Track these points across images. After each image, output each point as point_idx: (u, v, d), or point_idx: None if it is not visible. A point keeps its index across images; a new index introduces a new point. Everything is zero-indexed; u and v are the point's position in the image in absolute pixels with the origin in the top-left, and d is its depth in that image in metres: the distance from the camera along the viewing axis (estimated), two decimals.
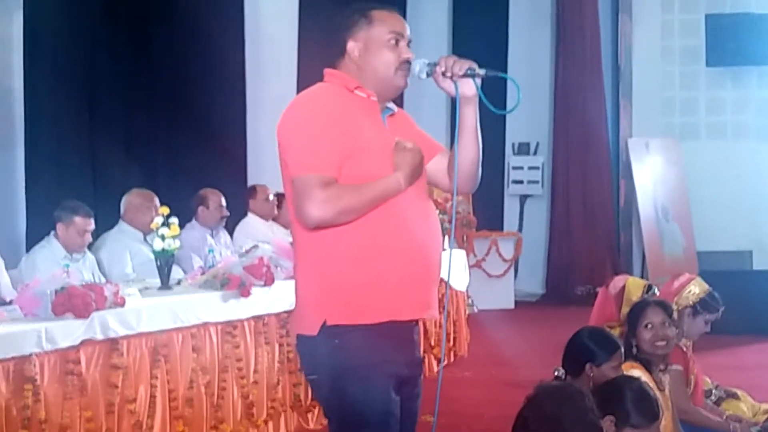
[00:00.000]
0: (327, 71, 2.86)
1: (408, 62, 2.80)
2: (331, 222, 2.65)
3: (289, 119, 2.73)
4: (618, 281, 5.10)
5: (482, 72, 2.76)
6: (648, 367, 4.03)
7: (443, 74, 2.76)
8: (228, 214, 6.84)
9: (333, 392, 2.71)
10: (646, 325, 4.09)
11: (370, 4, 2.83)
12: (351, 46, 2.80)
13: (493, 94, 2.80)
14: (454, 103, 2.80)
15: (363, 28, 2.79)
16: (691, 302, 4.67)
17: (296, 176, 2.66)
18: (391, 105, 2.88)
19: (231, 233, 7.13)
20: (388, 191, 2.68)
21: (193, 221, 6.72)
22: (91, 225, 5.52)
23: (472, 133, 2.83)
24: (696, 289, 4.73)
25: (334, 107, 2.71)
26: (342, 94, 2.77)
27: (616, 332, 4.33)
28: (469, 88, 2.77)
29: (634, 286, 4.99)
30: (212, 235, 6.72)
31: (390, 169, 2.72)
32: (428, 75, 2.79)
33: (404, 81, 2.82)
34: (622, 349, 3.89)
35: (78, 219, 5.45)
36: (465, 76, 2.75)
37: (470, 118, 2.81)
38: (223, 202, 6.79)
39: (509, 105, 2.92)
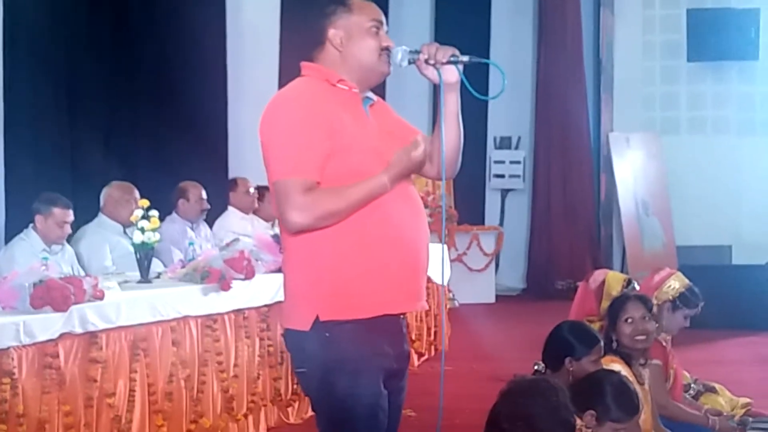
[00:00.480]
0: (305, 65, 2.84)
1: (388, 49, 2.79)
2: (312, 227, 2.64)
3: (270, 119, 2.70)
4: (598, 275, 5.12)
5: (465, 59, 2.76)
6: (628, 361, 4.04)
7: (426, 62, 2.76)
8: (209, 206, 6.82)
9: (322, 385, 2.70)
10: (626, 320, 4.11)
11: None
12: (332, 33, 2.77)
13: (474, 82, 2.79)
14: (436, 91, 2.80)
15: (343, 16, 2.77)
16: (670, 297, 4.69)
17: (276, 180, 2.65)
18: (370, 94, 2.87)
19: (211, 226, 7.10)
20: (372, 193, 2.66)
21: (174, 214, 6.69)
22: (70, 216, 5.49)
23: (455, 119, 2.84)
24: (676, 283, 4.75)
25: (316, 106, 2.68)
26: (324, 89, 2.75)
27: (596, 326, 4.35)
28: (452, 74, 2.78)
29: (614, 280, 5.01)
30: (192, 228, 6.70)
31: (377, 163, 2.70)
32: (410, 62, 2.78)
33: (387, 67, 2.81)
34: (602, 343, 3.90)
35: (56, 210, 5.42)
36: (448, 63, 2.75)
37: (452, 104, 2.83)
38: (204, 194, 6.77)
39: (491, 93, 2.92)
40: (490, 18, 11.75)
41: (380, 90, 2.93)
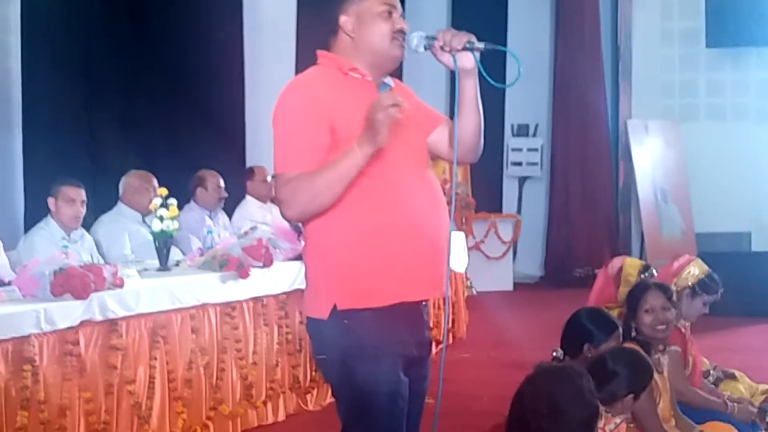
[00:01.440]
0: (320, 53, 2.84)
1: (402, 32, 2.77)
2: (304, 214, 2.67)
3: (277, 108, 2.72)
4: (616, 262, 5.09)
5: (481, 45, 2.74)
6: (647, 349, 4.02)
7: (442, 48, 2.74)
8: (226, 195, 6.84)
9: (342, 372, 2.70)
10: (647, 310, 4.08)
11: None
12: (343, 20, 2.77)
13: (492, 69, 2.76)
14: (453, 76, 2.78)
15: (354, 2, 2.77)
16: (690, 283, 4.67)
17: (274, 174, 2.70)
18: (388, 80, 2.85)
19: (229, 215, 7.12)
20: (346, 164, 2.60)
21: (192, 203, 6.72)
22: (81, 195, 5.47)
23: (473, 104, 2.82)
24: (695, 270, 4.72)
25: (317, 98, 2.66)
26: (335, 78, 2.74)
27: (614, 313, 4.33)
28: (468, 60, 2.75)
29: (631, 266, 4.97)
30: (211, 217, 6.72)
31: (391, 148, 2.67)
32: (426, 48, 2.76)
33: (400, 51, 2.78)
34: (621, 330, 3.89)
35: (64, 188, 5.42)
36: (464, 49, 2.73)
37: (470, 89, 2.80)
38: (222, 183, 6.79)
39: (508, 80, 2.90)
40: (507, 5, 11.71)
41: (397, 74, 2.92)
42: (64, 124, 6.99)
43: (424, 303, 2.84)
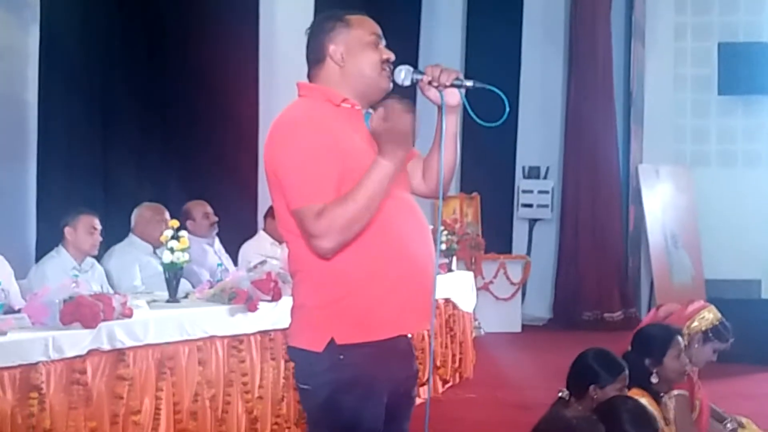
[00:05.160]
0: (303, 85, 2.84)
1: (389, 62, 2.78)
2: (342, 243, 2.59)
3: (278, 147, 2.67)
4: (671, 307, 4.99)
5: (469, 83, 2.74)
6: (656, 397, 4.02)
7: (430, 83, 2.75)
8: (216, 219, 6.79)
9: (328, 404, 2.67)
10: (677, 356, 4.10)
11: (343, 11, 2.81)
12: (333, 49, 2.77)
13: (501, 109, 2.78)
14: (440, 111, 2.78)
15: (342, 31, 2.77)
16: (703, 328, 4.66)
17: (294, 210, 2.62)
18: (370, 110, 2.82)
19: (236, 247, 7.11)
20: (379, 180, 2.59)
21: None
22: (98, 223, 5.55)
23: (453, 140, 2.83)
24: (709, 315, 4.70)
25: (326, 129, 2.65)
26: (328, 110, 2.73)
27: None
28: (454, 97, 2.75)
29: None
30: (211, 244, 6.73)
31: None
32: (413, 82, 2.76)
33: (387, 82, 2.78)
34: (627, 372, 3.88)
35: (83, 216, 5.50)
36: (452, 86, 2.74)
37: (452, 126, 2.81)
38: (209, 209, 6.75)
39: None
40: (520, 47, 11.77)
41: None
42: (78, 155, 7.05)
43: (409, 336, 2.85)
